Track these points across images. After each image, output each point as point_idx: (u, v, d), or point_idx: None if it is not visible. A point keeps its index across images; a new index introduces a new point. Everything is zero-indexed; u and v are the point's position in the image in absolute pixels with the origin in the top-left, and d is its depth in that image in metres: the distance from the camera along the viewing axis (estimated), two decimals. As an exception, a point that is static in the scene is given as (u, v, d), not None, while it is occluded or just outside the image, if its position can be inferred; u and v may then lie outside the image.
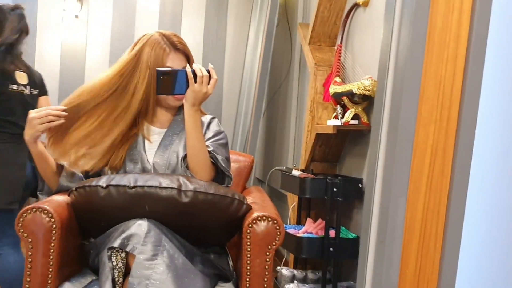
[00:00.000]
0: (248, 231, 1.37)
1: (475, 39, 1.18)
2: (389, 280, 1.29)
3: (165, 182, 1.35)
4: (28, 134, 1.46)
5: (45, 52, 4.00)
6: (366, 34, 2.37)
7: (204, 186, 1.38)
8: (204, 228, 1.44)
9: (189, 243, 1.40)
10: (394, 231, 1.31)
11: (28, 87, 2.23)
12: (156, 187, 1.33)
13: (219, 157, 1.53)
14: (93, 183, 1.36)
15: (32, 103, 2.24)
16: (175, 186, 1.34)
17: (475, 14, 1.18)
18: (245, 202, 1.46)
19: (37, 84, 2.31)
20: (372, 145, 1.59)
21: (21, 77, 2.21)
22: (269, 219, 1.38)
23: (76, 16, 3.98)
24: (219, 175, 1.56)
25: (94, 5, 4.04)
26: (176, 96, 1.57)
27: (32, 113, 1.45)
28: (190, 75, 1.45)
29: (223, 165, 1.53)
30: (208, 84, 1.46)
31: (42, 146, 1.52)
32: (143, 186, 1.33)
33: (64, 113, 1.47)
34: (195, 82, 1.45)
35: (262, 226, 1.37)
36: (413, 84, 1.30)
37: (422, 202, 1.32)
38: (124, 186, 1.33)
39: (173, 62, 1.56)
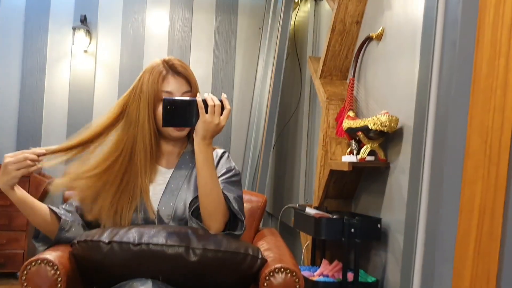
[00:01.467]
0: (265, 284, 1.27)
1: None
2: None
3: (171, 238, 1.24)
4: (3, 181, 1.29)
5: (54, 86, 3.99)
6: (380, 68, 2.31)
7: (214, 241, 1.27)
8: (214, 287, 1.33)
9: None
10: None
11: None
12: (162, 245, 1.23)
13: (231, 196, 1.38)
14: (95, 237, 1.26)
15: None
16: (182, 243, 1.24)
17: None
18: (260, 257, 1.34)
19: None
20: (407, 199, 1.45)
21: None
22: (288, 271, 1.28)
23: (85, 51, 3.98)
24: (231, 218, 1.41)
25: (102, 40, 4.04)
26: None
27: (7, 158, 1.28)
28: (201, 104, 1.30)
29: (235, 207, 1.38)
30: (221, 115, 1.32)
31: (22, 191, 1.34)
32: (148, 244, 1.23)
33: (41, 157, 1.32)
34: (206, 112, 1.30)
35: (280, 278, 1.28)
36: (457, 136, 1.20)
37: (470, 270, 1.20)
38: (128, 243, 1.23)
39: (171, 85, 1.42)
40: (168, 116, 1.32)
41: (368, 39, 2.44)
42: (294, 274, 1.28)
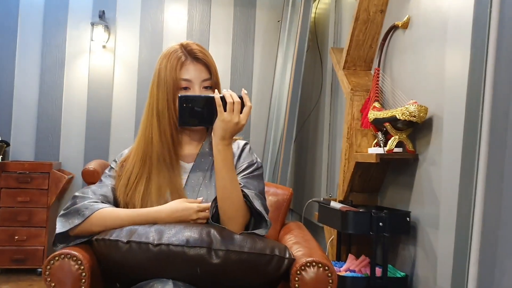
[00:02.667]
0: (296, 279, 1.22)
1: None
2: None
3: (193, 238, 1.17)
4: (183, 219, 1.27)
5: (73, 82, 3.99)
6: (407, 57, 2.24)
7: (238, 242, 1.20)
8: None
9: None
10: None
11: None
12: (182, 245, 1.16)
13: (252, 194, 1.29)
14: (114, 236, 1.21)
15: None
16: (204, 244, 1.17)
17: None
18: (287, 256, 1.25)
19: None
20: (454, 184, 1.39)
21: None
22: (320, 265, 1.23)
23: (104, 46, 3.97)
24: (255, 216, 1.32)
25: (121, 35, 4.02)
26: None
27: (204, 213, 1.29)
28: (219, 101, 1.22)
29: (258, 207, 1.27)
30: (241, 112, 1.23)
31: None
32: (168, 244, 1.17)
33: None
34: (225, 110, 1.22)
35: (311, 273, 1.22)
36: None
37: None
38: (147, 243, 1.18)
39: (190, 73, 1.34)
40: (184, 114, 1.26)
41: (394, 28, 2.37)
42: (326, 268, 1.23)
